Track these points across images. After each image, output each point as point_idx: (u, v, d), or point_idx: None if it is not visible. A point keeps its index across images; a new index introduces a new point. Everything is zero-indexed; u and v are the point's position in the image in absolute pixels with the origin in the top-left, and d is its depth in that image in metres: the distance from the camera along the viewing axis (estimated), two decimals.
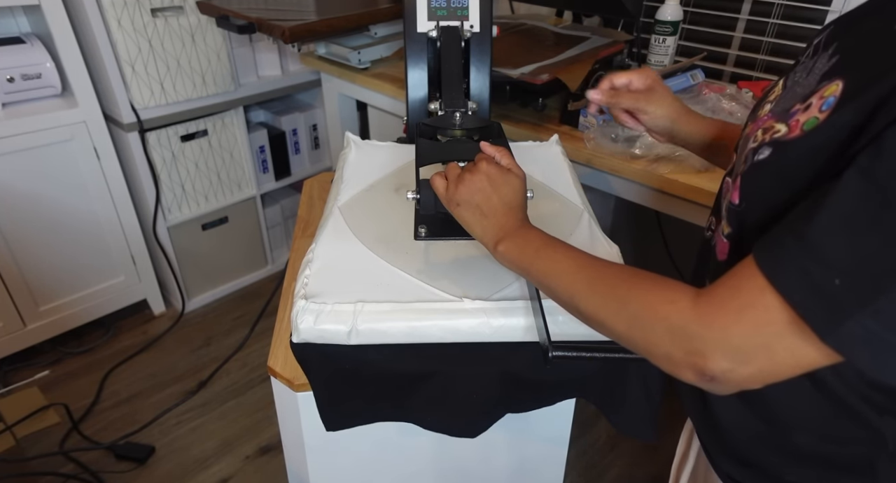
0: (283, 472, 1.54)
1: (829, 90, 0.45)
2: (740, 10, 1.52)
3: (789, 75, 0.56)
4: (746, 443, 0.59)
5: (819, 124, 0.44)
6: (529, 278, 0.61)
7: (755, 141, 0.51)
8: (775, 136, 0.48)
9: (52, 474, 1.51)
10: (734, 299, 0.42)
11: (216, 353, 1.95)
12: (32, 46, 1.61)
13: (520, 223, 0.63)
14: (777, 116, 0.50)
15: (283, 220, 2.31)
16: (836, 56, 0.48)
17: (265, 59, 2.02)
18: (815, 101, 0.46)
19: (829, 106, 0.44)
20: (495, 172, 0.64)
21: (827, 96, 0.44)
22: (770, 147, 0.48)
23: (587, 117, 1.27)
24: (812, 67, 0.51)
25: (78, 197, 1.75)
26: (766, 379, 0.43)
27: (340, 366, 0.73)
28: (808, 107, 0.46)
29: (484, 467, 0.96)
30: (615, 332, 0.50)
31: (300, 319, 0.70)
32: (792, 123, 0.47)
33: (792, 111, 0.48)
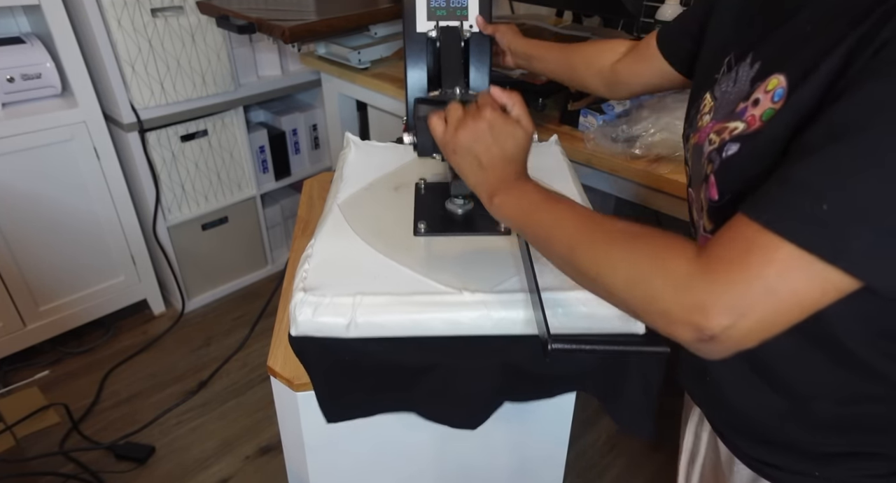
0: (283, 472, 1.54)
1: (772, 84, 0.49)
2: None
3: (714, 88, 0.60)
4: (766, 421, 0.60)
5: (777, 112, 0.47)
6: (526, 233, 0.58)
7: (712, 143, 0.54)
8: (735, 133, 0.51)
9: (52, 474, 1.51)
10: (733, 248, 0.42)
11: (216, 353, 1.95)
12: (32, 46, 1.61)
13: (518, 176, 0.61)
14: (724, 119, 0.54)
15: (283, 220, 2.31)
16: (758, 62, 0.53)
17: (265, 59, 2.02)
18: (762, 95, 0.50)
19: (780, 96, 0.48)
20: (500, 122, 0.61)
21: (773, 89, 0.49)
22: (736, 142, 0.51)
23: (587, 117, 1.27)
24: (736, 78, 0.56)
25: (78, 197, 1.75)
26: (765, 332, 0.42)
27: (339, 357, 0.73)
28: (756, 102, 0.50)
29: (484, 467, 0.96)
30: (612, 288, 0.48)
31: (298, 312, 0.70)
32: (748, 119, 0.50)
33: (739, 111, 0.52)
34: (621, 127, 1.17)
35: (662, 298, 0.44)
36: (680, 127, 1.12)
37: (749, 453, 0.63)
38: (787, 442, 0.59)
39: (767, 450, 0.61)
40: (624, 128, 1.17)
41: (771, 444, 0.61)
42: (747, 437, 0.63)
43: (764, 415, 0.59)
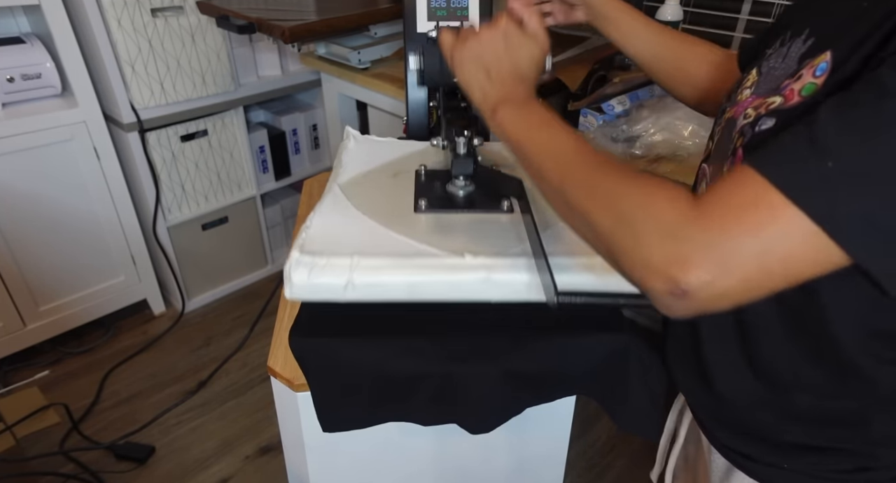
0: (283, 472, 1.54)
1: (818, 59, 0.47)
2: (740, 10, 1.52)
3: (762, 64, 0.57)
4: (745, 409, 0.60)
5: (818, 88, 0.45)
6: (521, 154, 0.54)
7: (747, 117, 0.51)
8: (772, 107, 0.49)
9: (52, 474, 1.51)
10: (732, 200, 0.40)
11: (216, 353, 1.95)
12: (32, 46, 1.61)
13: (526, 94, 0.58)
14: (766, 94, 0.52)
15: (283, 220, 2.31)
16: (812, 39, 0.50)
17: (265, 59, 2.02)
18: (806, 71, 0.47)
19: (822, 71, 0.45)
20: (514, 33, 0.58)
21: (818, 63, 0.46)
22: (772, 117, 0.48)
23: (587, 117, 1.27)
24: (786, 53, 0.53)
25: (78, 197, 1.75)
26: (742, 295, 0.40)
27: (338, 367, 0.73)
28: (799, 77, 0.48)
29: (484, 467, 0.96)
30: (598, 226, 0.45)
31: (294, 272, 0.67)
32: (787, 93, 0.48)
33: (782, 86, 0.49)
34: (621, 127, 1.17)
35: (646, 244, 0.41)
36: (680, 127, 1.13)
37: (725, 443, 0.64)
38: (761, 432, 0.60)
39: (742, 440, 0.62)
40: (624, 128, 1.17)
41: (746, 435, 0.61)
42: (725, 427, 0.63)
43: (743, 401, 0.59)
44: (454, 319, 0.77)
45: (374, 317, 0.77)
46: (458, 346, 0.73)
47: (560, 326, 0.76)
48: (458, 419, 0.77)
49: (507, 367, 0.74)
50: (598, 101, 1.25)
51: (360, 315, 0.77)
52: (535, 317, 0.77)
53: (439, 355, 0.73)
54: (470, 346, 0.73)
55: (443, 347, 0.73)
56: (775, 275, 0.39)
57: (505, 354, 0.73)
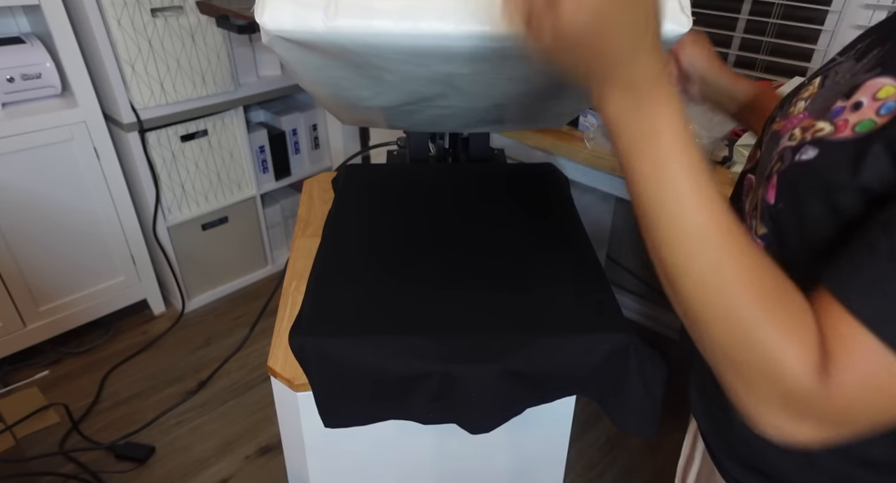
0: (283, 472, 1.54)
1: (884, 92, 0.41)
2: (740, 10, 1.52)
3: (828, 74, 0.52)
4: (763, 452, 0.58)
5: (877, 128, 0.40)
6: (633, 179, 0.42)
7: (792, 139, 0.47)
8: (818, 134, 0.44)
9: (52, 474, 1.51)
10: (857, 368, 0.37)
11: (216, 353, 1.95)
12: (32, 46, 1.61)
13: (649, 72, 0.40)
14: (816, 114, 0.47)
15: (283, 220, 2.31)
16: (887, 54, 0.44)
17: (265, 58, 2.02)
18: (867, 101, 0.42)
19: (889, 110, 0.40)
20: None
21: (883, 98, 0.41)
22: (815, 147, 0.44)
23: (587, 117, 1.27)
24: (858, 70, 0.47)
25: (78, 197, 1.75)
26: (849, 438, 0.39)
27: (338, 366, 0.73)
28: (857, 106, 0.43)
29: (484, 467, 0.96)
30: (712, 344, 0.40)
31: None
32: (839, 123, 0.43)
33: (835, 109, 0.45)
34: None
35: (763, 399, 0.39)
36: None
37: (736, 478, 0.62)
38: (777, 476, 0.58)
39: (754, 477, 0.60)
40: None
41: (760, 474, 0.59)
42: (736, 460, 0.62)
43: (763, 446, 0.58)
44: (454, 318, 0.77)
45: (374, 315, 0.77)
46: (458, 346, 0.73)
47: (560, 326, 0.76)
48: (458, 419, 0.78)
49: (507, 366, 0.74)
50: None
51: (360, 313, 0.77)
52: (535, 317, 0.77)
53: (439, 355, 0.73)
54: (470, 345, 0.73)
55: (443, 347, 0.73)
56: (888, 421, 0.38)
57: (505, 354, 0.73)
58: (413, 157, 1.19)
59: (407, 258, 0.88)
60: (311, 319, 0.76)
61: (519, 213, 1.00)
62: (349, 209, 1.01)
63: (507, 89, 0.72)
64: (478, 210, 1.01)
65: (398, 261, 0.88)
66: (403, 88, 0.71)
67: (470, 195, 1.05)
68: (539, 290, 0.82)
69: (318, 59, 0.62)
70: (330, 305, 0.79)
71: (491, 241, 0.93)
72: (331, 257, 0.88)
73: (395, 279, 0.84)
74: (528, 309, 0.79)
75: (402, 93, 0.73)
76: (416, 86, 0.70)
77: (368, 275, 0.85)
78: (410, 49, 0.56)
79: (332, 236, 0.93)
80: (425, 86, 0.70)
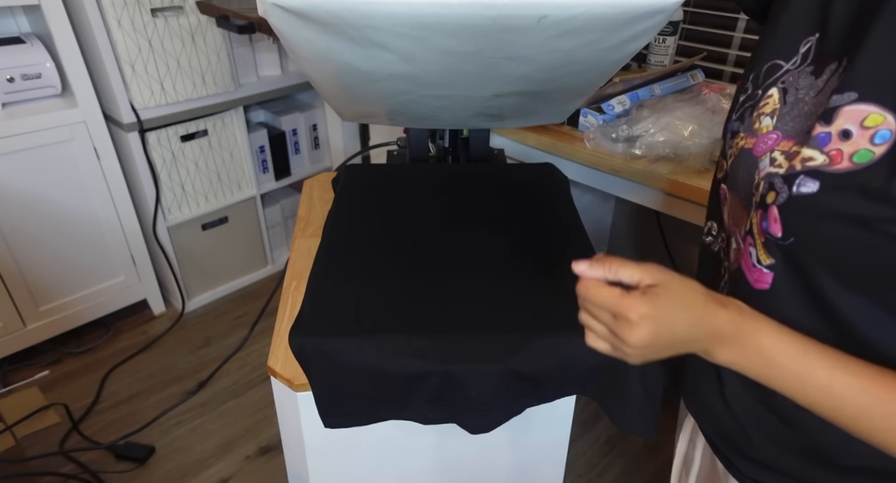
0: (283, 472, 1.54)
1: (872, 120, 0.42)
2: (740, 11, 1.52)
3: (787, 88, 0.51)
4: (772, 451, 0.58)
5: (877, 159, 0.41)
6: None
7: (777, 165, 0.48)
8: (811, 164, 0.45)
9: (52, 474, 1.51)
10: None
11: (216, 353, 1.95)
12: (32, 46, 1.61)
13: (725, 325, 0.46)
14: (792, 137, 0.47)
15: (283, 220, 2.31)
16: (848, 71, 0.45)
17: (265, 59, 2.02)
18: (855, 128, 0.43)
19: (884, 140, 0.41)
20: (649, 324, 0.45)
21: (873, 127, 0.42)
22: (814, 179, 0.44)
23: (587, 117, 1.27)
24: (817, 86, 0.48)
25: (78, 197, 1.75)
26: None
27: (338, 366, 0.73)
28: (845, 134, 0.43)
29: (484, 467, 0.96)
30: None
31: None
32: (832, 154, 0.44)
33: (819, 136, 0.45)
34: (621, 127, 1.17)
35: None
36: (680, 127, 1.13)
37: (744, 472, 0.62)
38: (787, 471, 0.58)
39: (765, 472, 0.60)
40: (624, 128, 1.17)
41: (769, 469, 0.59)
42: (744, 457, 0.61)
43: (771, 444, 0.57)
44: (455, 318, 0.77)
45: (374, 315, 0.77)
46: (458, 346, 0.73)
47: (560, 326, 0.76)
48: (458, 419, 0.78)
49: (508, 366, 0.74)
50: (598, 101, 1.25)
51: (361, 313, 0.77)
52: (535, 316, 0.77)
53: (439, 355, 0.73)
54: (470, 345, 0.73)
55: (443, 347, 0.73)
56: None
57: (505, 354, 0.73)
58: (413, 157, 1.19)
59: (407, 258, 0.88)
60: (311, 319, 0.76)
61: (519, 212, 1.00)
62: (349, 209, 1.01)
63: (507, 72, 0.71)
64: (478, 210, 1.01)
65: (398, 260, 0.88)
66: (403, 72, 0.70)
67: (470, 195, 1.05)
68: (539, 290, 0.82)
69: (316, 34, 0.61)
70: (330, 305, 0.79)
71: (491, 241, 0.92)
72: (331, 257, 0.88)
73: (396, 279, 0.84)
74: (528, 309, 0.79)
75: (401, 78, 0.73)
76: (415, 67, 0.69)
77: (369, 274, 0.84)
78: (407, 18, 0.56)
79: (331, 236, 0.93)
80: (425, 67, 0.69)
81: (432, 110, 0.91)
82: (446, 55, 0.65)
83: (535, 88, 0.80)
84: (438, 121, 1.01)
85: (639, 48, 0.67)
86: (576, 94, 0.89)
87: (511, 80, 0.75)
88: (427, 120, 0.99)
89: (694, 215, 1.13)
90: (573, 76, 0.75)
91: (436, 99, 0.83)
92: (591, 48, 0.64)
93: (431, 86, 0.76)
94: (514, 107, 0.91)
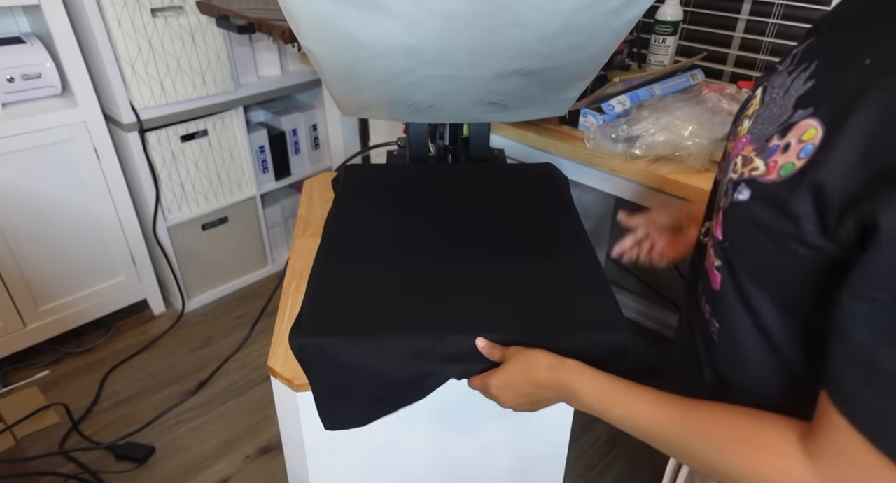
0: (283, 472, 1.54)
1: (809, 134, 0.42)
2: (740, 10, 1.52)
3: (767, 86, 0.53)
4: None
5: (795, 172, 0.42)
6: None
7: (735, 170, 0.50)
8: (753, 173, 0.47)
9: (52, 474, 1.51)
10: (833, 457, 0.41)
11: (216, 353, 1.95)
12: (32, 46, 1.61)
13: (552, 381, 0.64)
14: (756, 145, 0.48)
15: (283, 220, 2.31)
16: (813, 80, 0.45)
17: (265, 59, 2.02)
18: (794, 142, 0.43)
19: (807, 154, 0.42)
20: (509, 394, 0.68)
21: (806, 141, 0.42)
22: (748, 187, 0.46)
23: (587, 117, 1.27)
24: (789, 86, 0.48)
25: (78, 197, 1.75)
26: None
27: (339, 366, 0.73)
28: (786, 147, 0.44)
29: (484, 467, 0.96)
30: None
31: None
32: (770, 164, 0.45)
33: (771, 147, 0.46)
34: (621, 127, 1.17)
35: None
36: (680, 127, 1.13)
37: None
38: None
39: None
40: (624, 128, 1.17)
41: None
42: None
43: None
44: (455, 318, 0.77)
45: (374, 315, 0.77)
46: (458, 346, 0.73)
47: (559, 326, 0.76)
48: None
49: None
50: (598, 101, 1.25)
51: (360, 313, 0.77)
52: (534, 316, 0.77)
53: (439, 355, 0.73)
54: (470, 345, 0.73)
55: (443, 347, 0.73)
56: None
57: None
58: (413, 157, 1.19)
59: (407, 258, 0.88)
60: (310, 319, 0.76)
61: (519, 213, 1.00)
62: (349, 209, 1.01)
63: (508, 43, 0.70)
64: (478, 210, 1.01)
65: (398, 261, 0.88)
66: (404, 44, 0.70)
67: (470, 195, 1.05)
68: (539, 290, 0.82)
69: None
70: (330, 305, 0.79)
71: (491, 242, 0.92)
72: (331, 257, 0.88)
73: (396, 279, 0.84)
74: (527, 309, 0.79)
75: (402, 53, 0.73)
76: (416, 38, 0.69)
77: (368, 275, 0.84)
78: None
79: (331, 236, 0.93)
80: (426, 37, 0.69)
81: (433, 97, 0.90)
82: (447, 21, 0.65)
83: (536, 67, 0.79)
84: (439, 112, 1.00)
85: (638, 15, 0.67)
86: (577, 77, 0.88)
87: (512, 54, 0.74)
88: (427, 111, 0.99)
89: None
90: (574, 50, 0.75)
91: (437, 81, 0.82)
92: (591, 12, 0.65)
93: (432, 64, 0.76)
94: (515, 92, 0.90)
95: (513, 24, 0.66)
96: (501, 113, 1.02)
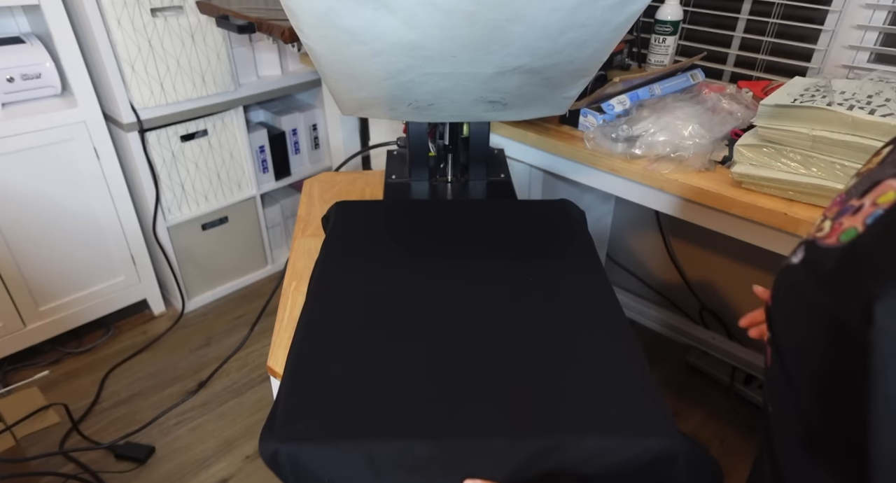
0: None
1: (886, 197, 0.35)
2: (740, 10, 1.52)
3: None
4: None
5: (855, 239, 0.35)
6: None
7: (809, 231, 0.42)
8: (817, 234, 0.39)
9: (52, 474, 1.51)
10: None
11: (216, 353, 1.95)
12: (32, 46, 1.61)
13: None
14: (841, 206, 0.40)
15: (283, 220, 2.31)
16: None
17: (265, 58, 2.02)
18: (868, 204, 0.36)
19: (874, 219, 0.34)
20: None
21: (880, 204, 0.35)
22: (805, 249, 0.39)
23: (587, 117, 1.27)
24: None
25: (78, 197, 1.75)
26: None
27: (320, 479, 0.62)
28: (858, 209, 0.37)
29: None
30: None
31: None
32: (836, 225, 0.38)
33: (846, 207, 0.39)
34: (621, 127, 1.17)
35: None
36: (680, 127, 1.13)
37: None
38: None
39: None
40: (624, 128, 1.17)
41: None
42: None
43: None
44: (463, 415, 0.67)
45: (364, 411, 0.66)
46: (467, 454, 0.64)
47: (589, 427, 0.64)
48: None
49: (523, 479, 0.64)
50: (598, 100, 1.25)
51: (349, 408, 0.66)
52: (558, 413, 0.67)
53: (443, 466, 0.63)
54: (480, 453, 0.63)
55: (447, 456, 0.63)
56: None
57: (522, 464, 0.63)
58: (413, 157, 1.19)
59: (406, 328, 0.77)
60: (286, 418, 0.64)
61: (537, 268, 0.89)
62: (339, 262, 0.89)
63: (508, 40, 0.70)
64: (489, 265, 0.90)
65: (395, 332, 0.77)
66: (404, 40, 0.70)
67: (479, 245, 0.95)
68: (563, 376, 0.70)
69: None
70: (311, 397, 0.66)
71: (503, 309, 0.81)
72: (315, 329, 0.77)
73: (392, 359, 0.72)
74: (550, 403, 0.66)
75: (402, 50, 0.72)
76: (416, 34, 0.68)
77: (359, 354, 0.73)
78: None
79: (318, 301, 0.82)
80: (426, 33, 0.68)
81: (433, 94, 0.89)
82: (448, 16, 0.65)
83: (537, 64, 0.79)
84: (439, 110, 0.99)
85: (640, 10, 0.67)
86: (578, 75, 0.87)
87: (513, 50, 0.74)
88: (427, 110, 0.98)
89: (693, 214, 1.13)
90: (575, 47, 0.74)
91: (437, 79, 0.82)
92: (593, 7, 0.64)
93: (432, 61, 0.76)
94: (516, 90, 0.89)
95: (514, 19, 0.66)
96: (502, 112, 1.02)
